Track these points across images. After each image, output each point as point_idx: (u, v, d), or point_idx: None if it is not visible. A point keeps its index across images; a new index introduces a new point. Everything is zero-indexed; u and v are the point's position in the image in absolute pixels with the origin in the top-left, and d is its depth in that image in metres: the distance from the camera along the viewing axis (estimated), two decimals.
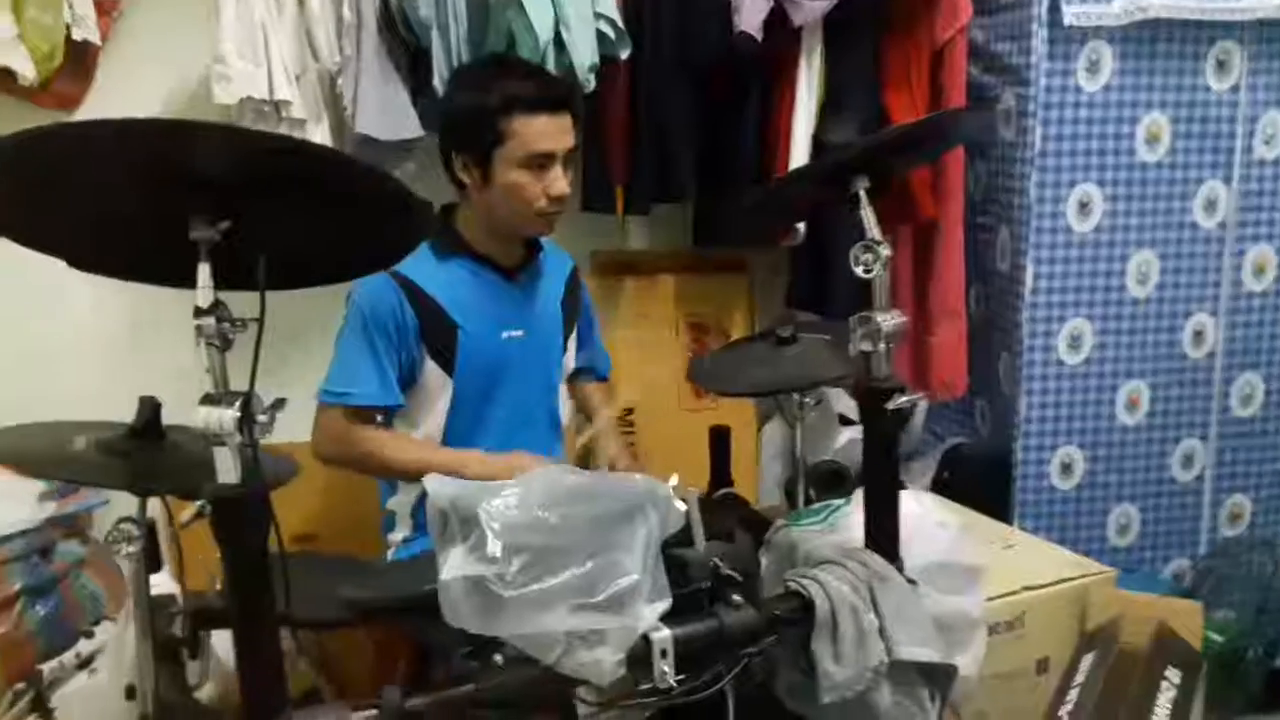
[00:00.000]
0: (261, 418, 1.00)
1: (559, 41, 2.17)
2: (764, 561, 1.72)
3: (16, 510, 1.96)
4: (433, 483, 1.19)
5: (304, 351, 2.03)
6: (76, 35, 2.23)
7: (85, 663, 1.98)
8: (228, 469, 1.01)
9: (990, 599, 1.86)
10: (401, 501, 1.89)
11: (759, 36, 2.23)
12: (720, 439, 2.10)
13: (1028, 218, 2.31)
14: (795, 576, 1.41)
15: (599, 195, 2.46)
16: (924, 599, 1.57)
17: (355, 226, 1.05)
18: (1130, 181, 2.33)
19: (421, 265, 1.78)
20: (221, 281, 1.01)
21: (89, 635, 2.00)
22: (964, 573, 1.65)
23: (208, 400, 1.00)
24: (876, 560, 1.42)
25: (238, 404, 0.99)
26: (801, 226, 2.40)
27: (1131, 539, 2.49)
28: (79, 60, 2.31)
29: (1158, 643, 1.85)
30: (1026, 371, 2.37)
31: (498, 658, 1.17)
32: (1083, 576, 1.93)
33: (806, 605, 1.36)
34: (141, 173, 0.96)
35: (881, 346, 1.37)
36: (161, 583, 1.59)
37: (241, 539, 1.03)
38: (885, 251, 1.36)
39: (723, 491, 2.06)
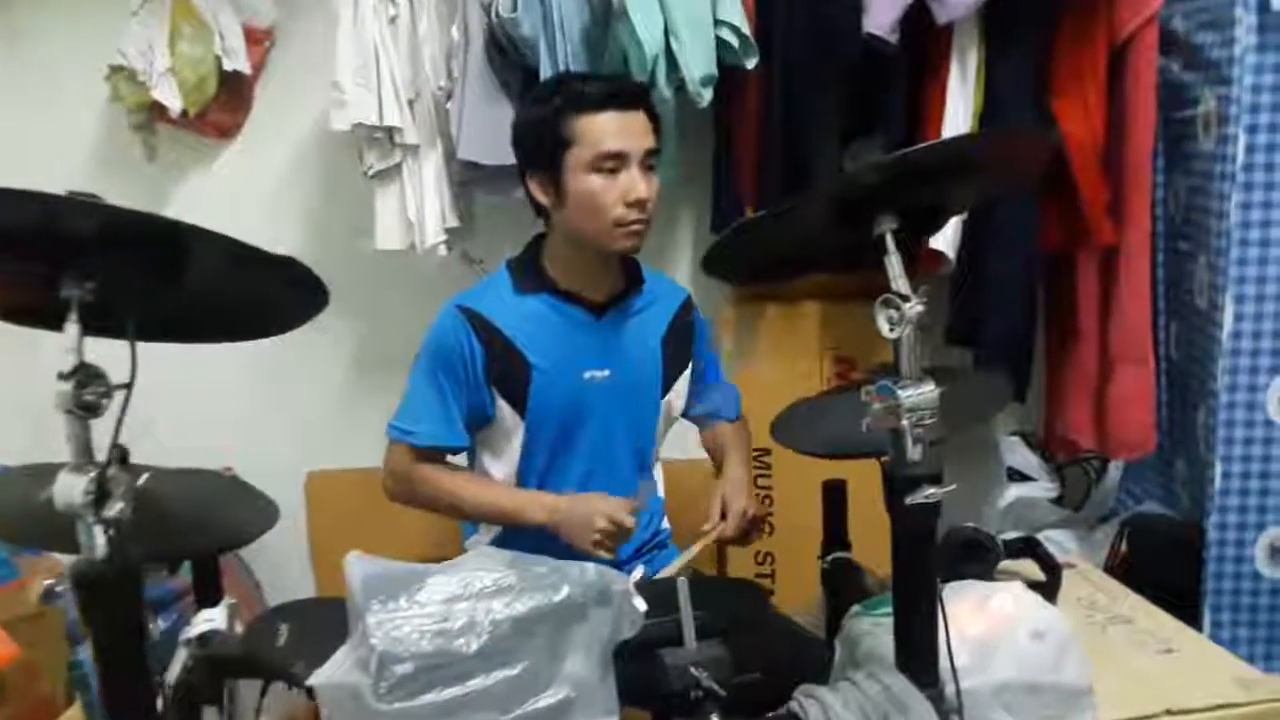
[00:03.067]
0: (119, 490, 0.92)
1: (671, 54, 2.01)
2: (836, 654, 1.50)
3: None
4: (351, 560, 1.08)
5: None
6: (227, 66, 2.34)
7: None
8: (90, 544, 0.95)
9: None
10: (478, 541, 1.83)
11: (893, 39, 1.97)
12: (834, 494, 1.85)
13: (1227, 245, 1.89)
14: (801, 695, 1.18)
15: (730, 217, 2.28)
16: None
17: (227, 290, 0.96)
18: None
19: (498, 301, 1.69)
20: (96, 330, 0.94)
21: None
22: (1060, 696, 1.35)
23: (72, 469, 0.95)
24: (901, 686, 1.16)
25: (91, 477, 0.92)
26: (951, 252, 2.10)
27: None
28: (234, 90, 2.43)
29: None
30: (1224, 433, 1.95)
31: None
32: (1252, 704, 1.53)
33: None
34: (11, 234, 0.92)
35: (906, 424, 1.12)
36: (217, 618, 1.57)
37: (107, 619, 0.96)
38: (915, 309, 1.11)
39: (834, 556, 1.82)
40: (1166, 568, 2.06)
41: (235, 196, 2.43)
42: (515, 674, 1.02)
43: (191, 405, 2.44)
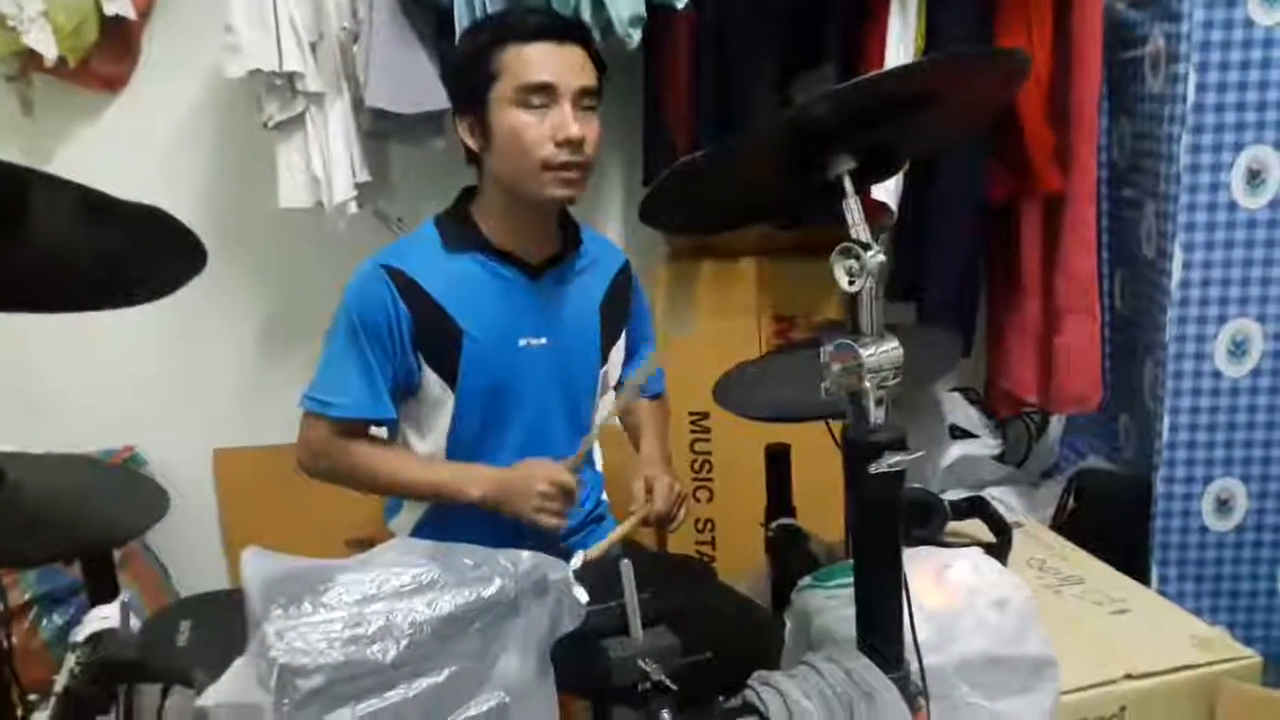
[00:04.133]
0: None
1: None
2: (788, 628, 1.41)
3: None
4: (247, 556, 0.94)
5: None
6: (109, 10, 2.14)
7: None
8: None
9: (1081, 690, 1.47)
10: (403, 523, 1.70)
11: None
12: (778, 460, 1.77)
13: (1176, 191, 1.83)
14: (757, 682, 1.09)
15: (662, 167, 2.15)
16: (962, 707, 1.23)
17: (81, 249, 0.81)
18: None
19: (425, 260, 1.54)
20: None
21: None
22: (1023, 668, 1.29)
23: None
24: (865, 670, 1.07)
25: None
26: (893, 203, 2.01)
27: None
28: (118, 37, 2.23)
29: None
30: (1173, 384, 1.90)
31: None
32: (1209, 664, 1.49)
33: None
34: None
35: (869, 385, 1.02)
36: (110, 615, 1.42)
37: None
38: (876, 258, 1.01)
39: (779, 522, 1.74)
40: (1114, 523, 2.03)
41: (124, 154, 2.24)
42: (441, 681, 0.90)
43: (88, 382, 2.30)
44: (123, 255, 0.81)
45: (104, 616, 1.39)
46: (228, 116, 2.27)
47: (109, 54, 2.22)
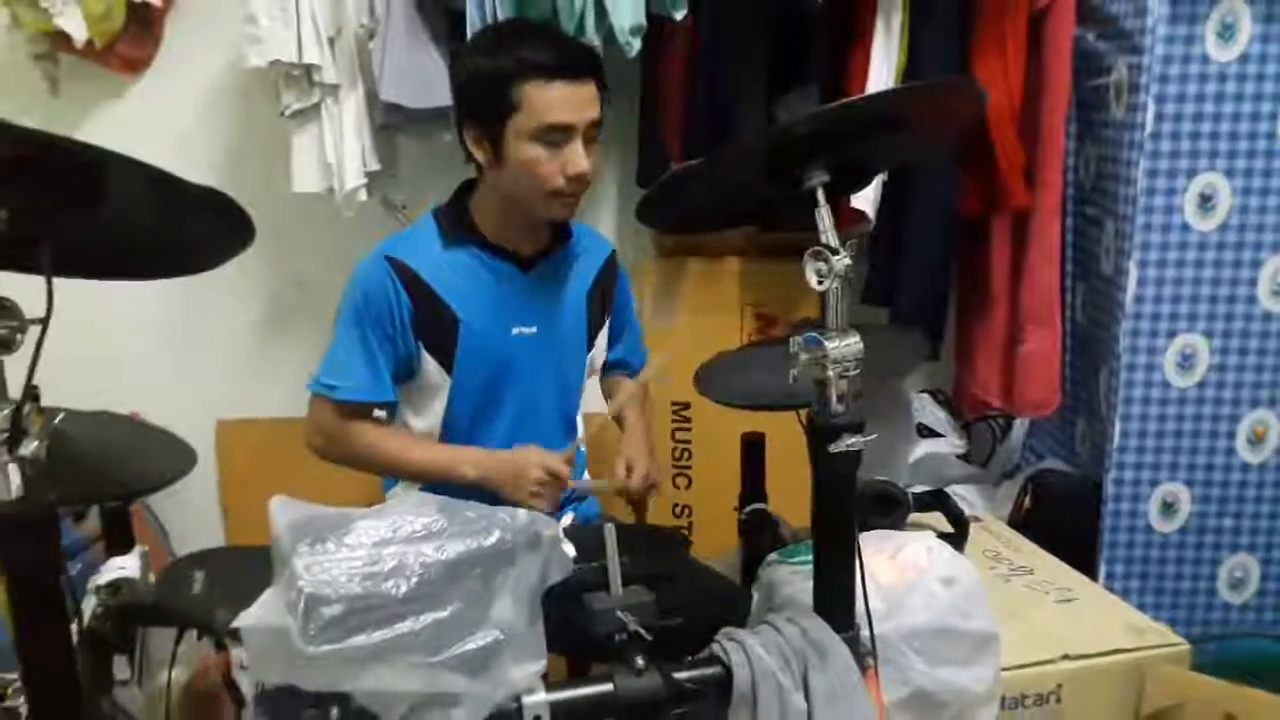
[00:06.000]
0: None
1: (600, 3, 1.98)
2: (754, 599, 1.53)
3: None
4: (276, 504, 1.06)
5: None
6: None
7: None
8: (5, 484, 0.92)
9: (1021, 667, 1.60)
10: (397, 494, 1.79)
11: None
12: (753, 448, 1.88)
13: (1133, 212, 1.96)
14: (723, 637, 1.21)
15: (656, 169, 2.27)
16: (910, 672, 1.35)
17: (146, 223, 0.93)
18: (1269, 172, 1.93)
19: (424, 251, 1.65)
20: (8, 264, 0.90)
21: None
22: (968, 641, 1.40)
23: None
24: (819, 629, 1.20)
25: (5, 414, 0.89)
26: (871, 211, 2.14)
27: (1248, 596, 2.11)
28: (142, 23, 2.32)
29: None
30: (1124, 393, 2.03)
31: (334, 711, 1.04)
32: (1141, 649, 1.62)
33: (727, 674, 1.16)
34: None
35: (832, 374, 1.14)
36: (129, 565, 1.53)
37: (22, 559, 0.93)
38: (843, 261, 1.13)
39: (752, 508, 1.85)
40: (1067, 521, 2.16)
41: (143, 134, 2.27)
42: (445, 617, 1.02)
43: (95, 348, 2.35)
44: (183, 229, 0.92)
45: (121, 566, 1.49)
46: (244, 102, 2.36)
47: (133, 38, 2.32)
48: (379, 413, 1.72)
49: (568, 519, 1.44)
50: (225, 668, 1.70)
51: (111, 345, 2.40)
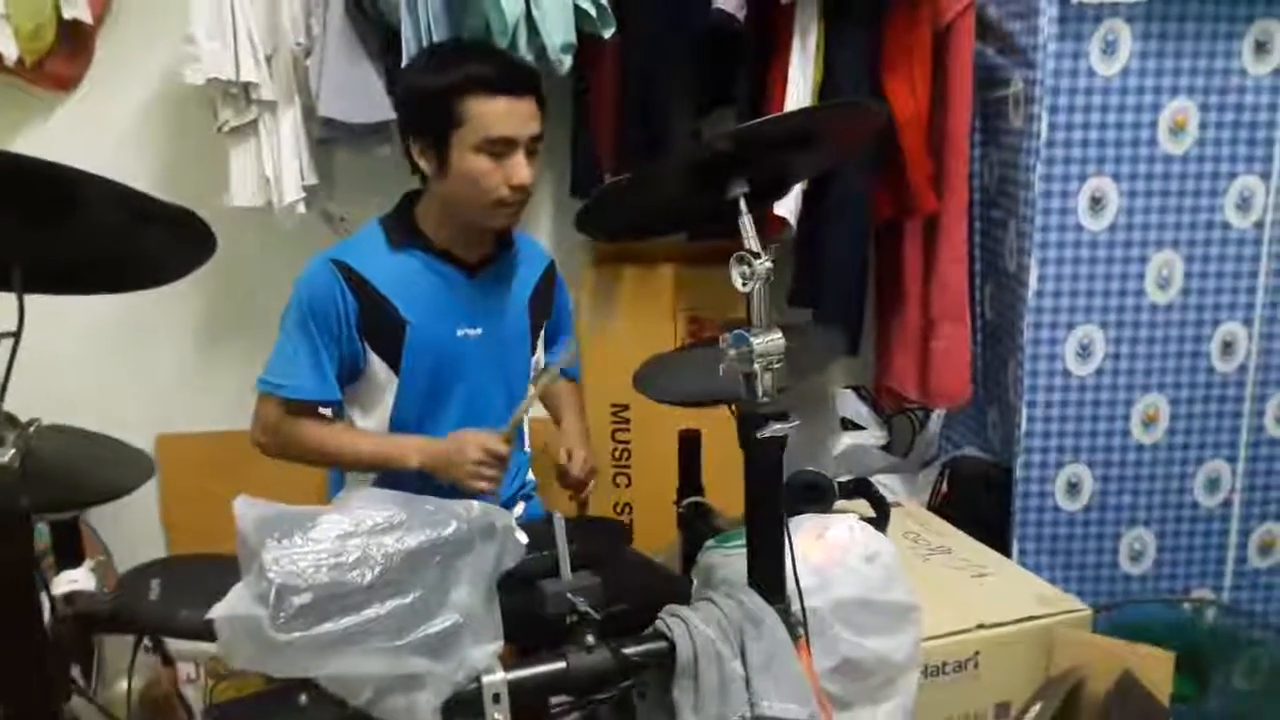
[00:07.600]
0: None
1: (532, 21, 2.07)
2: (694, 584, 1.63)
3: None
4: (240, 503, 1.13)
5: None
6: (66, 14, 2.25)
7: None
8: None
9: (941, 636, 1.72)
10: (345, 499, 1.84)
11: (739, 15, 2.09)
12: (690, 443, 1.98)
13: (1033, 213, 2.11)
14: (666, 614, 1.30)
15: (588, 180, 2.36)
16: (838, 642, 1.46)
17: (118, 244, 0.99)
18: (1151, 175, 2.10)
19: (370, 255, 1.71)
20: None
21: None
22: (890, 612, 1.52)
23: None
24: (754, 601, 1.30)
25: None
26: (792, 219, 2.26)
27: (1146, 566, 2.28)
28: (74, 40, 2.33)
29: (1118, 694, 1.67)
30: (1029, 381, 2.18)
31: (302, 698, 1.10)
32: (1048, 616, 1.76)
33: (671, 648, 1.26)
34: None
35: (758, 368, 1.25)
36: (80, 578, 1.55)
37: None
38: (765, 264, 1.23)
39: (690, 500, 1.95)
40: (981, 504, 2.30)
41: (75, 152, 2.29)
42: (407, 603, 1.09)
43: (34, 362, 2.35)
44: (152, 246, 0.98)
45: (73, 579, 1.52)
46: (179, 117, 2.37)
47: (64, 55, 2.32)
48: (324, 410, 1.75)
49: (519, 509, 1.52)
50: (173, 681, 1.75)
51: (48, 359, 2.38)
